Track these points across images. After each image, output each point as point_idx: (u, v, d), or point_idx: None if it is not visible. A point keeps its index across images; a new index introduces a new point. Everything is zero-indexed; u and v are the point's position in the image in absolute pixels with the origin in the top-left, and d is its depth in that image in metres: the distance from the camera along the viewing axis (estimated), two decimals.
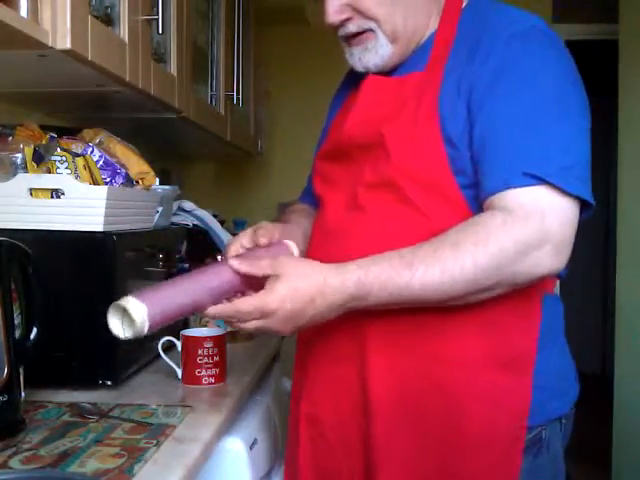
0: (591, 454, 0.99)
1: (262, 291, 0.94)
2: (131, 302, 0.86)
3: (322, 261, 1.00)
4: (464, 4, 1.11)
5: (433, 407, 1.03)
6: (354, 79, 1.19)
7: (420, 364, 1.03)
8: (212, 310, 0.95)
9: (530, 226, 0.93)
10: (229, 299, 0.96)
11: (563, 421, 1.09)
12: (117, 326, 0.88)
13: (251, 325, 0.95)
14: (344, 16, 1.08)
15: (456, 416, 1.02)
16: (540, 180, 0.94)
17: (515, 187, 0.95)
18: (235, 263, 0.96)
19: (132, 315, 0.85)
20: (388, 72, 1.13)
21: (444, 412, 1.02)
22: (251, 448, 1.26)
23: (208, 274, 0.96)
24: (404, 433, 1.04)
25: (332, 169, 1.17)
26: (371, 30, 1.08)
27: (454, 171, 1.01)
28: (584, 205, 0.98)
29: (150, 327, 0.87)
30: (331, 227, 1.12)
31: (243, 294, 0.97)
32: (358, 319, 1.02)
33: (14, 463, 0.91)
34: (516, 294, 0.99)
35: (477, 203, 1.01)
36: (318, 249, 1.14)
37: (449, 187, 1.01)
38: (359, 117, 1.11)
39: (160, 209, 1.57)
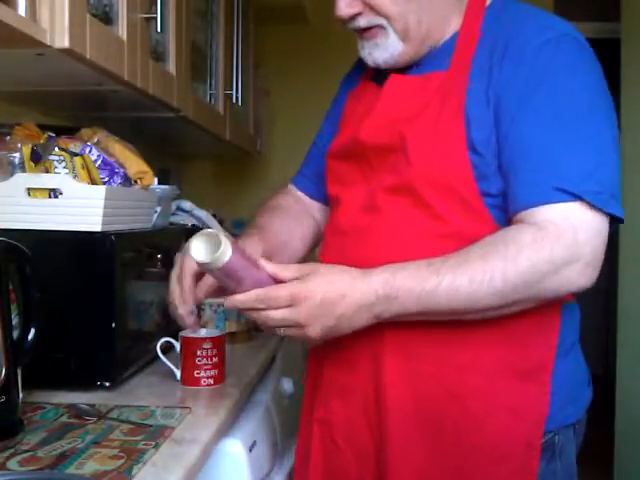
0: (593, 456, 0.99)
1: (295, 280, 0.93)
2: (226, 241, 0.89)
3: (335, 260, 1.00)
4: (487, 3, 1.08)
5: (449, 415, 1.01)
6: (366, 67, 1.16)
7: (436, 372, 1.02)
8: (242, 297, 0.93)
9: (561, 244, 0.92)
10: None
11: (576, 426, 1.08)
12: (199, 250, 0.91)
13: (278, 314, 0.92)
14: (354, 10, 1.05)
15: (472, 425, 1.01)
16: (574, 196, 0.93)
17: (548, 203, 0.94)
18: (265, 264, 0.94)
19: (222, 244, 0.88)
20: (405, 68, 1.10)
21: (460, 421, 1.01)
22: (250, 450, 1.25)
23: (256, 266, 0.95)
24: (419, 441, 1.03)
25: (347, 169, 1.14)
26: (381, 26, 1.06)
27: (476, 177, 0.99)
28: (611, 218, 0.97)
29: (224, 266, 0.89)
30: (346, 228, 1.10)
31: None
32: (374, 325, 0.99)
33: (12, 464, 0.90)
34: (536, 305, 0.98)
35: (497, 210, 1.00)
36: (331, 249, 1.13)
37: (470, 193, 0.99)
38: (380, 119, 1.08)
39: (159, 209, 1.56)
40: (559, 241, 0.92)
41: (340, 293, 0.93)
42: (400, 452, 1.03)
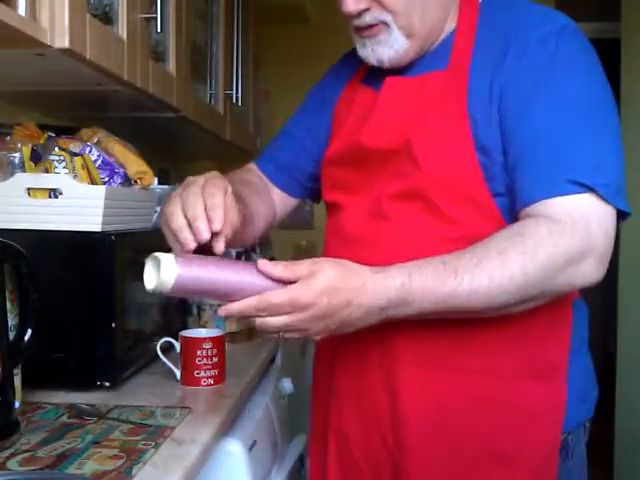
0: (593, 456, 0.98)
1: (297, 284, 0.86)
2: (167, 259, 0.83)
3: None
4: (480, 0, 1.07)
5: (468, 422, 1.00)
6: (355, 68, 1.15)
7: (452, 379, 1.00)
8: (238, 305, 0.86)
9: (577, 236, 0.90)
10: None
11: (587, 425, 1.08)
12: (150, 276, 0.85)
13: (279, 320, 0.86)
14: (362, 6, 1.03)
15: (492, 430, 1.00)
16: (586, 188, 0.92)
17: (561, 195, 0.92)
18: (267, 265, 0.87)
19: (162, 269, 0.82)
20: (401, 69, 1.08)
21: (479, 427, 1.00)
22: (250, 450, 1.25)
23: (243, 268, 0.88)
24: (438, 452, 1.01)
25: (347, 175, 1.12)
26: (385, 23, 1.03)
27: (487, 179, 0.97)
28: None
29: (174, 289, 0.83)
30: (352, 234, 1.08)
31: None
32: (386, 329, 0.96)
33: (12, 464, 0.90)
34: (548, 302, 0.96)
35: (506, 208, 0.98)
36: (337, 255, 1.08)
37: (482, 196, 0.98)
38: (381, 123, 1.07)
39: (158, 209, 1.56)
40: (575, 233, 0.90)
41: (347, 299, 0.86)
42: (420, 466, 1.02)
